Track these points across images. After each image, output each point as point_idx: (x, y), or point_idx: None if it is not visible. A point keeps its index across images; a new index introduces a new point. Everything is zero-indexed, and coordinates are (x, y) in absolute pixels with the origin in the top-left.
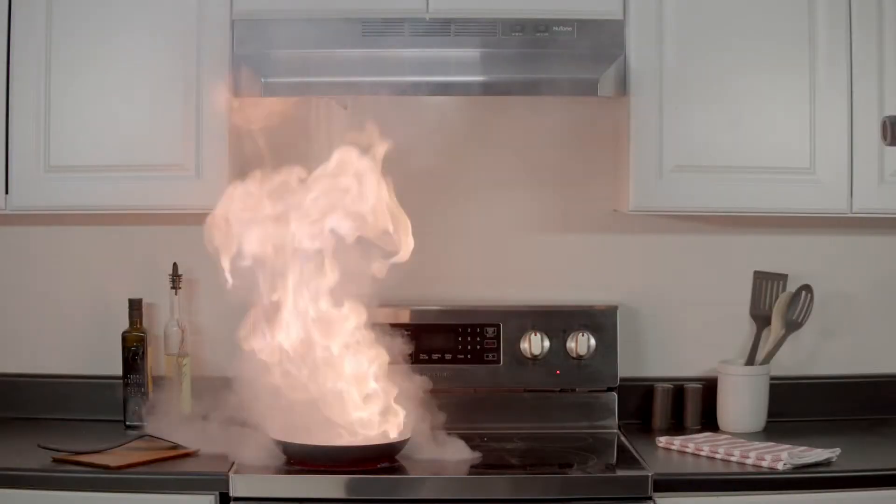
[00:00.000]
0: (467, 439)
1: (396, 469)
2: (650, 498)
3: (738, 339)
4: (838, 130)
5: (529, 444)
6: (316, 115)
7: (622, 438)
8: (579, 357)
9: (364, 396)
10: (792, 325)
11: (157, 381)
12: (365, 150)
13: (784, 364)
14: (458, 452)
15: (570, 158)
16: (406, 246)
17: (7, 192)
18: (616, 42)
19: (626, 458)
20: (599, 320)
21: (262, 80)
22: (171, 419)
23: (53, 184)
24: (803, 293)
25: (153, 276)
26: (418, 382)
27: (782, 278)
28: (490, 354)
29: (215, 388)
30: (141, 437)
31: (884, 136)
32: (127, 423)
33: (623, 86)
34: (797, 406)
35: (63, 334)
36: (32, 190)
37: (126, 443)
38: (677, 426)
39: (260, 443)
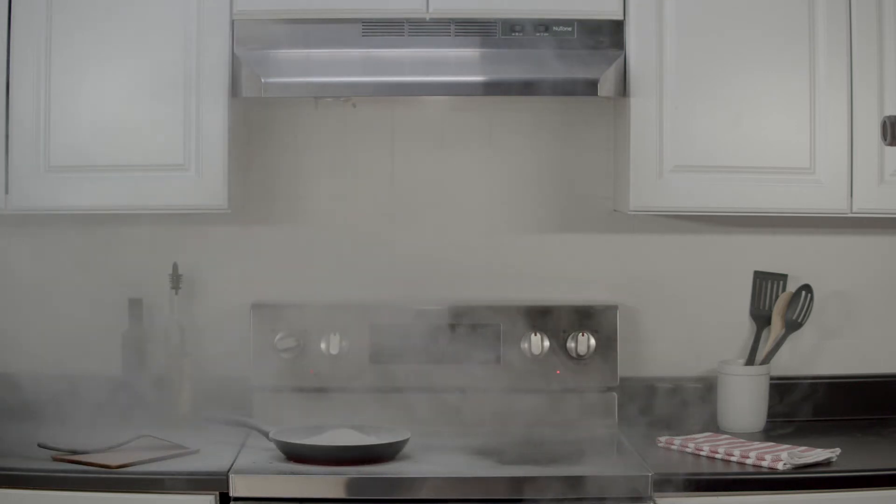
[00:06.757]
0: (467, 439)
1: (396, 469)
2: (650, 498)
3: (738, 339)
4: (838, 130)
5: (529, 444)
6: (323, 113)
7: (622, 438)
8: (579, 357)
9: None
10: (792, 325)
11: (157, 381)
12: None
13: (784, 364)
14: (457, 453)
15: (570, 158)
16: None
17: (7, 192)
18: (616, 42)
19: (626, 458)
20: (599, 320)
21: (262, 80)
22: (171, 419)
23: (53, 184)
24: (803, 293)
25: (153, 276)
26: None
27: (782, 278)
28: (490, 354)
29: (215, 388)
30: (141, 436)
31: (884, 136)
32: (127, 423)
33: (623, 86)
34: (797, 406)
35: (63, 334)
36: (32, 190)
37: (126, 443)
38: (677, 426)
39: (260, 443)
